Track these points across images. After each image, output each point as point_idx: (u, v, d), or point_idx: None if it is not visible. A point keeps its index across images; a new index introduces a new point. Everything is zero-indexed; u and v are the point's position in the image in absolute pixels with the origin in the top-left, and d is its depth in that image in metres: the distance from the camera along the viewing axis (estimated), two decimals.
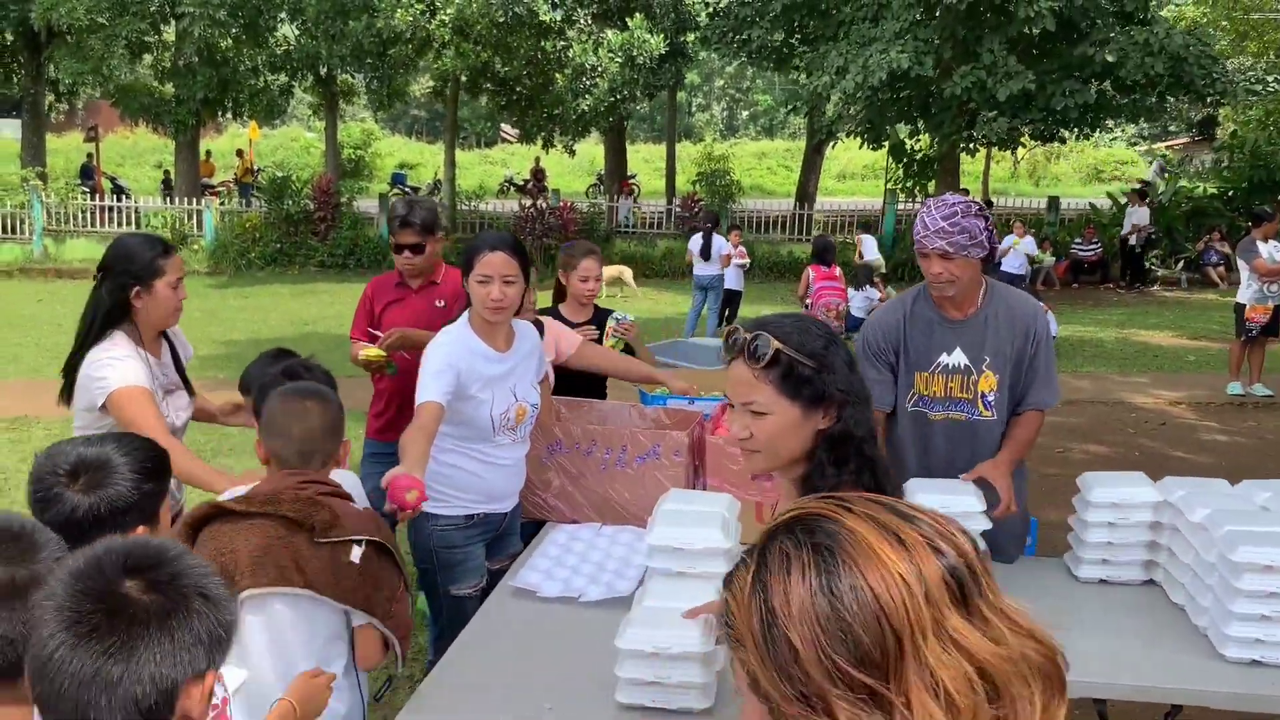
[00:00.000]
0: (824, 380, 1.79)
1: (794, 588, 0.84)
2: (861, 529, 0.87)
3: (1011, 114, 16.05)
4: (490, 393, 3.08)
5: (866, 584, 0.83)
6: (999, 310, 3.09)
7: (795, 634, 0.83)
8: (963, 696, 0.81)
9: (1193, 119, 34.10)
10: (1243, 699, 2.52)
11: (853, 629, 0.82)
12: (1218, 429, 8.47)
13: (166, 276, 3.02)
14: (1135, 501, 3.00)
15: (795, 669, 0.82)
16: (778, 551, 0.87)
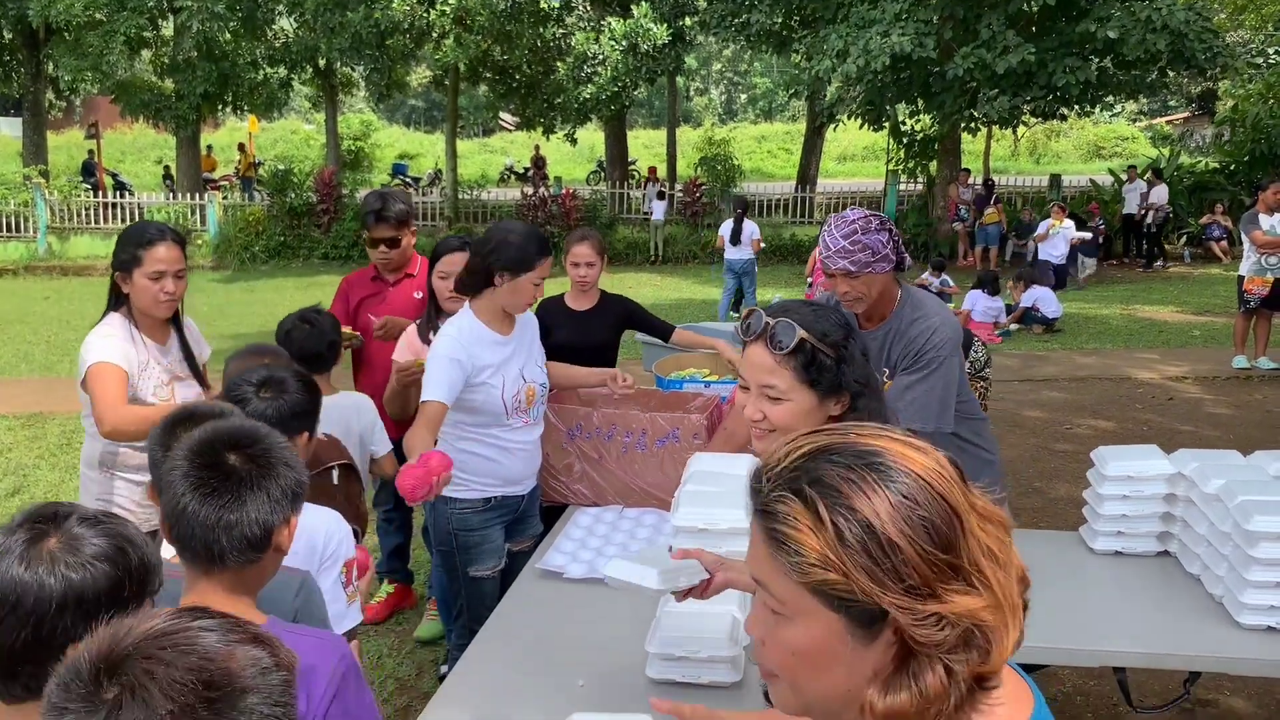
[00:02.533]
0: (841, 370, 1.85)
1: (876, 500, 0.94)
2: (883, 444, 1.00)
3: (1012, 92, 16.02)
4: (500, 377, 3.16)
5: (924, 481, 0.96)
6: (902, 324, 2.96)
7: (895, 534, 0.93)
8: (999, 549, 0.98)
9: (1193, 94, 34.01)
10: (1259, 665, 2.58)
11: (930, 520, 0.95)
12: (1224, 403, 8.51)
13: (143, 268, 3.05)
14: (1150, 474, 3.05)
15: (903, 566, 0.93)
16: (838, 478, 0.96)
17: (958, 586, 0.94)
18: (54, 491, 6.25)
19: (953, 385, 2.91)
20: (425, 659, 4.19)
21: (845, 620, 0.96)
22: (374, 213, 4.01)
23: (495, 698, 2.29)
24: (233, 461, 1.67)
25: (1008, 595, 0.97)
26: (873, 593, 0.93)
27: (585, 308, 4.20)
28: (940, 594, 0.93)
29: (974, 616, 0.94)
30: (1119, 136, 37.87)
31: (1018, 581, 1.00)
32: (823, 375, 1.85)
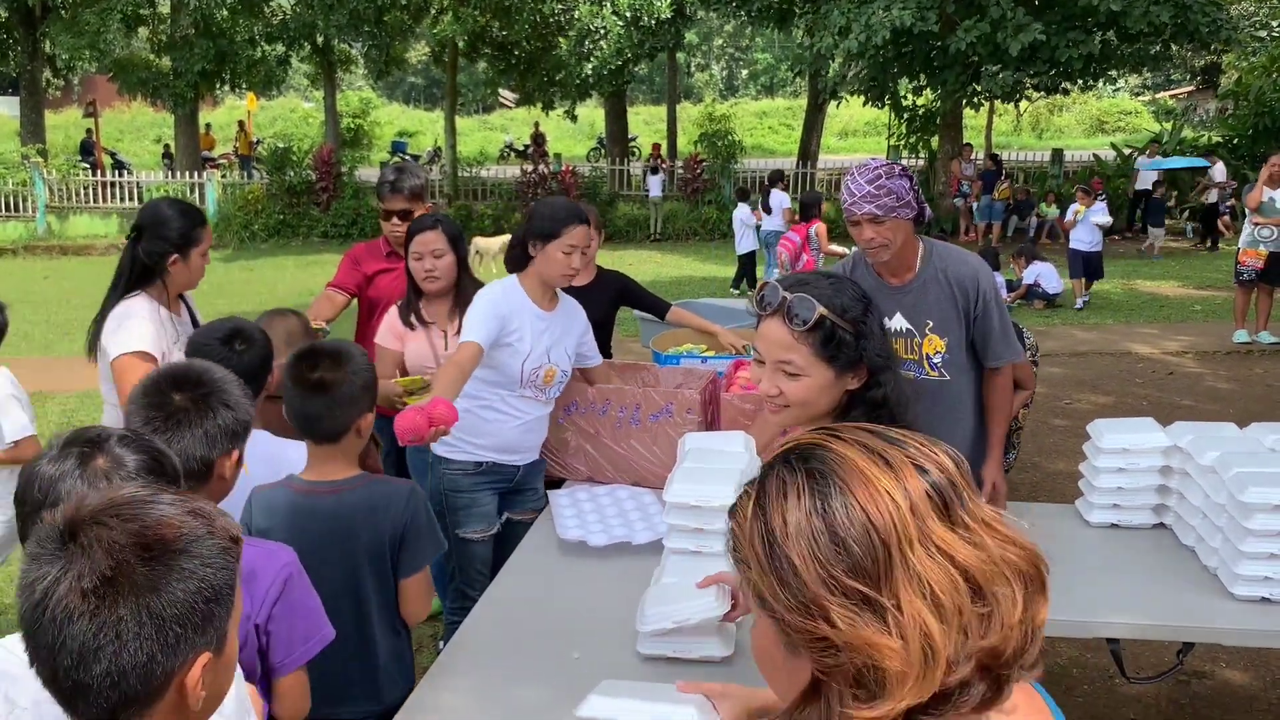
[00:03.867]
0: (861, 345, 1.80)
1: (790, 510, 0.92)
2: (850, 454, 0.95)
3: (1016, 66, 15.92)
4: (528, 345, 3.18)
5: (856, 501, 0.91)
6: (937, 273, 3.04)
7: (793, 551, 0.91)
8: (947, 596, 0.89)
9: (1196, 67, 33.79)
10: (1252, 635, 2.59)
11: (845, 542, 0.90)
12: (1224, 377, 8.50)
13: (201, 245, 3.18)
14: (1145, 446, 3.05)
15: (794, 581, 0.90)
16: (775, 479, 0.96)
17: (867, 620, 0.88)
18: None
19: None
20: (424, 634, 4.20)
21: (775, 626, 0.95)
22: (389, 183, 4.00)
23: (490, 670, 2.31)
24: (176, 400, 1.89)
25: (932, 647, 0.88)
26: (767, 597, 0.93)
27: (581, 284, 4.18)
28: (835, 620, 0.88)
29: (869, 652, 0.88)
30: (1122, 111, 37.68)
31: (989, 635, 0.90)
32: (841, 351, 1.80)
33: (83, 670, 1.08)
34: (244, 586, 1.55)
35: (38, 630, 1.08)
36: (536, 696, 2.20)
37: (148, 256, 3.11)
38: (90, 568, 1.08)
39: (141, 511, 1.14)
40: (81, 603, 1.07)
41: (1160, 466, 3.04)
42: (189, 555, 1.13)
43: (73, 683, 1.09)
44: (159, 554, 1.11)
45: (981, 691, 0.91)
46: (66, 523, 1.12)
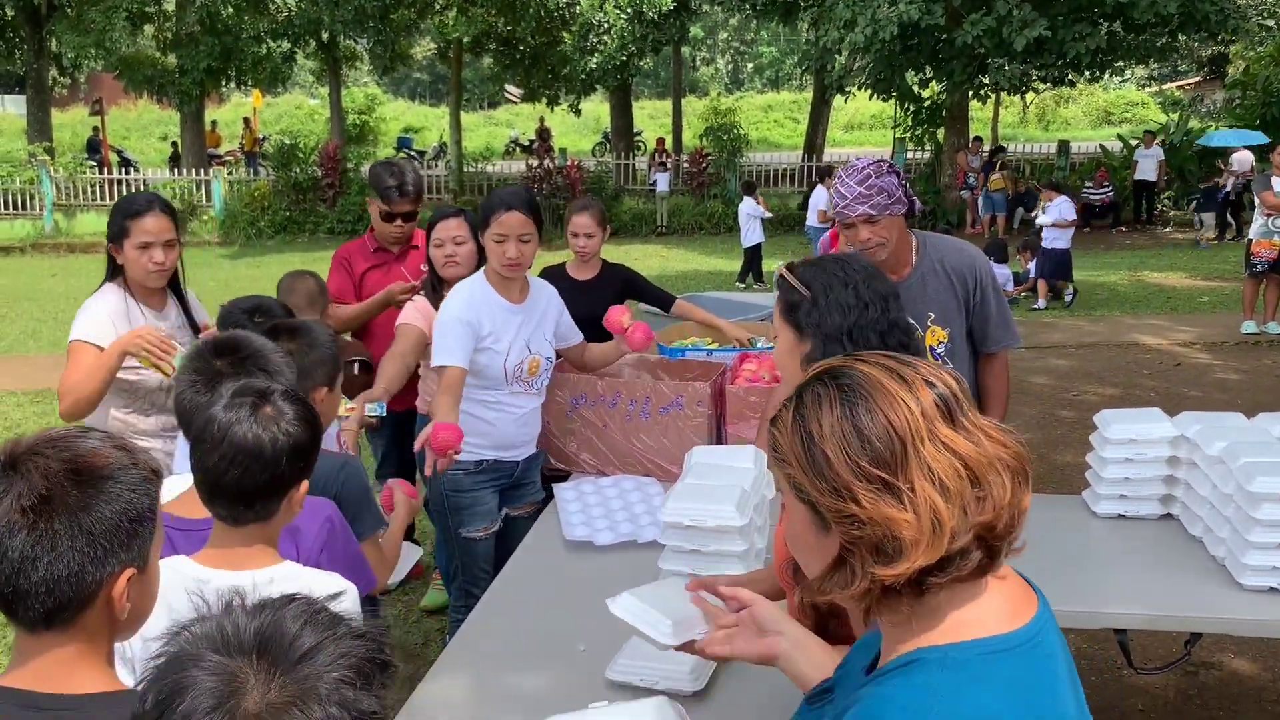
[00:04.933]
0: (805, 311, 1.91)
1: (824, 416, 1.14)
2: (873, 371, 1.16)
3: (1023, 60, 15.86)
4: (505, 344, 3.17)
5: (878, 407, 1.13)
6: (934, 264, 3.07)
7: (828, 447, 1.12)
8: (951, 480, 1.10)
9: (1203, 58, 33.63)
10: (1260, 625, 2.58)
11: (869, 439, 1.11)
12: (1233, 368, 8.48)
13: (133, 238, 3.06)
14: (1152, 437, 3.04)
15: (828, 471, 1.12)
16: (811, 393, 1.17)
17: (885, 500, 1.09)
18: None
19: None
20: (431, 628, 4.22)
21: (809, 512, 1.16)
22: (395, 188, 3.98)
23: (496, 663, 2.31)
24: (217, 365, 2.10)
25: (938, 519, 1.09)
26: (803, 485, 1.15)
27: (586, 277, 4.19)
28: (860, 499, 1.10)
29: (888, 524, 1.09)
30: (1128, 102, 37.53)
31: (985, 513, 1.11)
32: (792, 312, 1.93)
33: (21, 578, 1.23)
34: (290, 539, 1.96)
35: None
36: (542, 689, 2.21)
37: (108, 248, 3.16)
38: (29, 489, 1.24)
39: (74, 444, 1.29)
40: (21, 518, 1.23)
41: (1167, 457, 3.03)
42: (115, 481, 1.28)
43: (13, 589, 1.24)
44: (88, 479, 1.26)
45: (978, 558, 1.12)
46: (8, 455, 1.27)
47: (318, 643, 0.99)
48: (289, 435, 1.79)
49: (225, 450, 1.74)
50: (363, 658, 1.01)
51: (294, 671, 0.96)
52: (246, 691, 0.94)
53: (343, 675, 0.98)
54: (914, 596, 1.12)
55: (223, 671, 0.95)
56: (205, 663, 0.95)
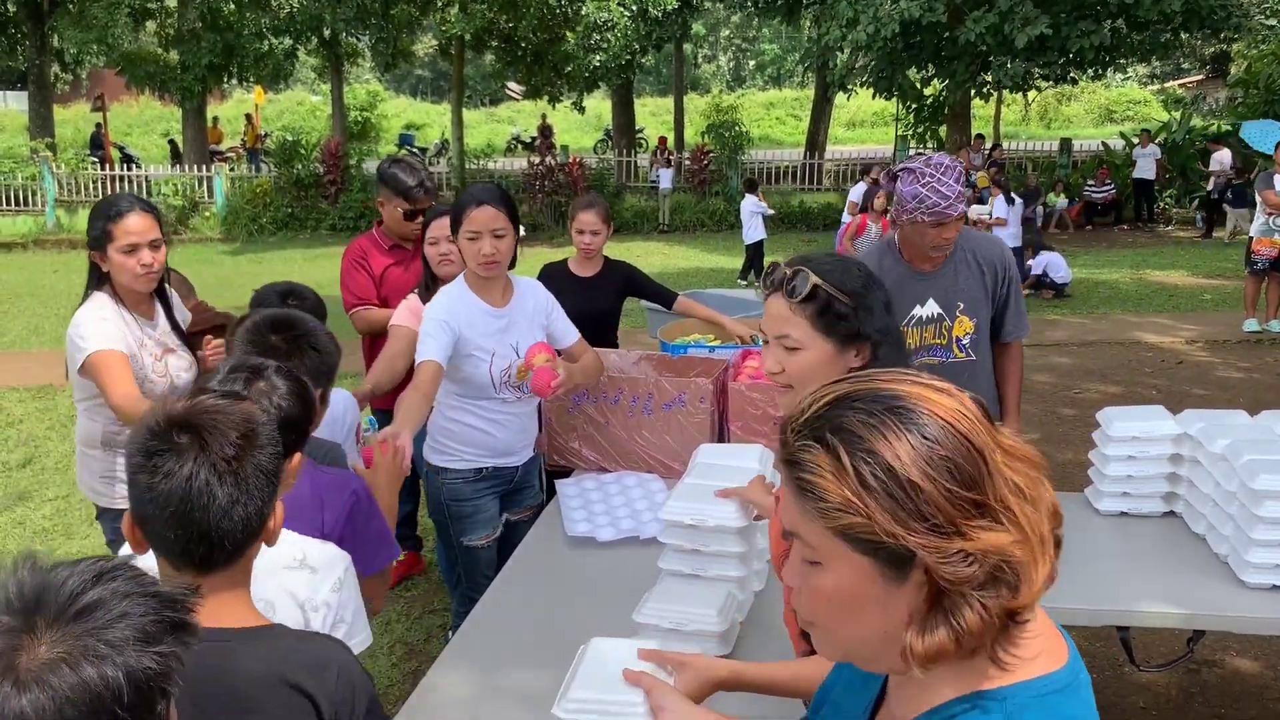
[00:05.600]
0: (859, 319, 1.79)
1: (897, 443, 0.96)
2: (906, 388, 1.02)
3: (1026, 57, 15.84)
4: (490, 350, 3.09)
5: (944, 421, 0.98)
6: (967, 255, 3.18)
7: (916, 475, 0.95)
8: (1028, 487, 1.00)
9: (1206, 56, 33.59)
10: (1263, 623, 2.58)
11: (951, 459, 0.96)
12: (1235, 366, 8.47)
13: (116, 242, 2.93)
14: (1155, 434, 3.04)
15: (925, 506, 0.95)
16: (859, 424, 0.98)
17: (984, 523, 0.96)
18: (64, 462, 6.30)
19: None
20: (434, 624, 4.22)
21: (874, 563, 0.97)
22: (418, 186, 3.99)
23: (498, 661, 2.32)
24: (273, 340, 2.25)
25: (1036, 530, 0.98)
26: (897, 534, 0.95)
27: (589, 274, 4.19)
28: (966, 531, 0.95)
29: (1002, 552, 0.95)
30: (1131, 100, 37.49)
31: (1049, 517, 1.02)
32: (838, 323, 1.80)
33: (226, 520, 1.42)
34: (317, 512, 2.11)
35: (181, 504, 1.39)
36: (545, 684, 2.21)
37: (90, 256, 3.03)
38: (225, 442, 1.43)
39: (227, 405, 1.50)
40: (227, 467, 1.42)
41: (1170, 454, 3.02)
42: (265, 429, 1.50)
43: (220, 531, 1.42)
44: (254, 431, 1.47)
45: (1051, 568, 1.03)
46: (179, 420, 1.44)
47: (99, 599, 1.00)
48: (279, 409, 1.87)
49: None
50: (149, 617, 1.01)
51: (70, 627, 0.97)
52: (22, 647, 0.95)
53: (123, 633, 0.99)
54: (1004, 629, 0.98)
55: (4, 624, 0.96)
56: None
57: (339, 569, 1.88)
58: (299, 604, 1.81)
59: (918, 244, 3.11)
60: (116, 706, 0.97)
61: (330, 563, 1.87)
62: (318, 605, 1.83)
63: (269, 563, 1.70)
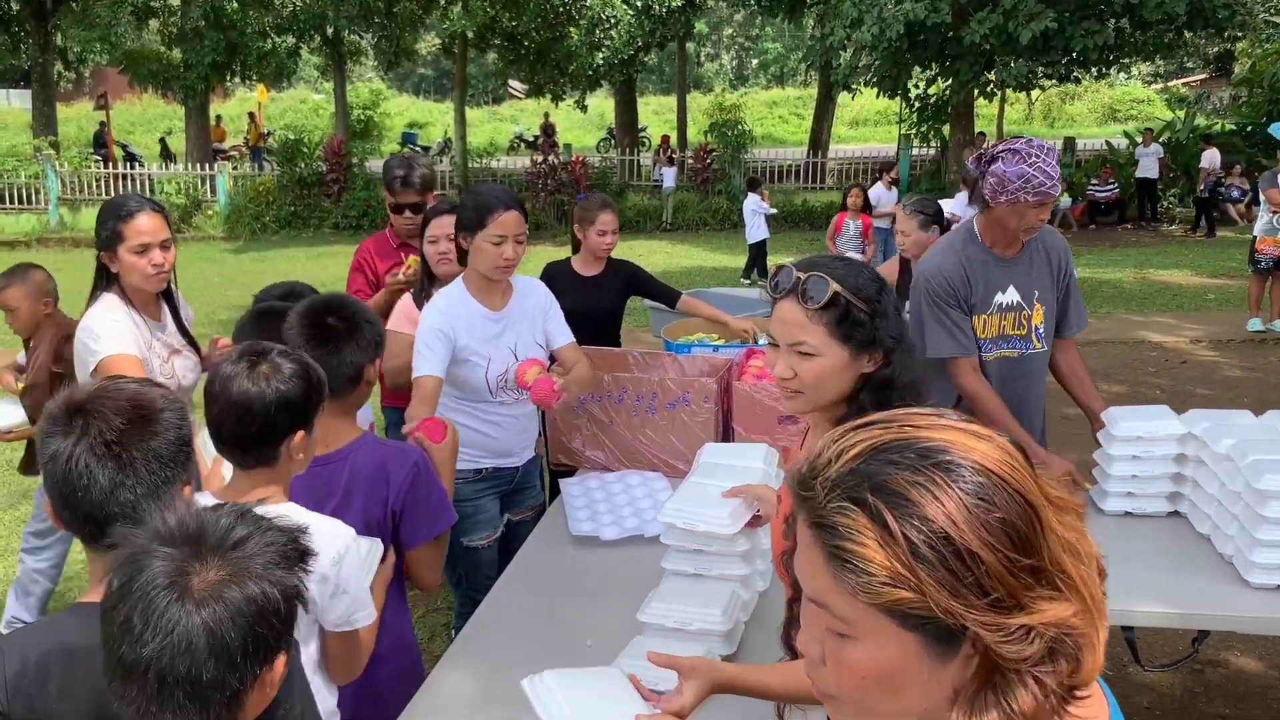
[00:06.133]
0: (875, 325, 1.78)
1: (949, 505, 0.85)
2: (945, 435, 0.90)
3: (1030, 56, 15.82)
4: (487, 354, 3.09)
5: (997, 476, 0.87)
6: (1038, 244, 3.20)
7: (976, 543, 0.84)
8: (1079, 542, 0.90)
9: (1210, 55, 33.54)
10: (1268, 623, 2.58)
11: (1007, 520, 0.85)
12: (1239, 366, 8.46)
13: (127, 242, 2.92)
14: (1160, 434, 3.03)
15: (986, 579, 0.84)
16: (904, 482, 0.86)
17: (1044, 592, 0.85)
18: None
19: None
20: (438, 624, 4.23)
21: (920, 639, 0.86)
22: (400, 178, 3.99)
23: (503, 659, 2.31)
24: (330, 322, 2.37)
25: (1094, 595, 0.88)
26: (954, 610, 0.83)
27: (592, 273, 4.18)
28: (1026, 604, 0.84)
29: (1063, 625, 0.85)
30: (1134, 99, 37.41)
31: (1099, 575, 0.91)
32: (856, 330, 1.78)
33: (112, 502, 1.46)
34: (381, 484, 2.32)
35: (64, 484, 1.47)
36: None
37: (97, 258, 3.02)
38: (108, 426, 1.48)
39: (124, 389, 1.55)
40: (106, 451, 1.47)
41: (1175, 454, 3.02)
42: (165, 414, 1.54)
43: (105, 513, 1.46)
44: (148, 415, 1.52)
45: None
46: (71, 404, 1.50)
47: (247, 534, 1.21)
48: (278, 391, 1.93)
49: (223, 403, 1.92)
50: (285, 545, 1.23)
51: (229, 555, 1.18)
52: (193, 572, 1.16)
53: (269, 558, 1.20)
54: (1060, 705, 0.88)
55: (171, 557, 1.17)
56: (157, 552, 1.17)
57: (339, 544, 1.94)
58: None
59: (1011, 227, 3.07)
60: (274, 617, 1.18)
61: (331, 537, 1.92)
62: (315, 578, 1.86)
63: None
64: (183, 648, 1.11)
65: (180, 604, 1.13)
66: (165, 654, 1.11)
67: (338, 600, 1.93)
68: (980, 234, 3.18)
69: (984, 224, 3.17)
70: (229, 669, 1.13)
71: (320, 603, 1.91)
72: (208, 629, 1.12)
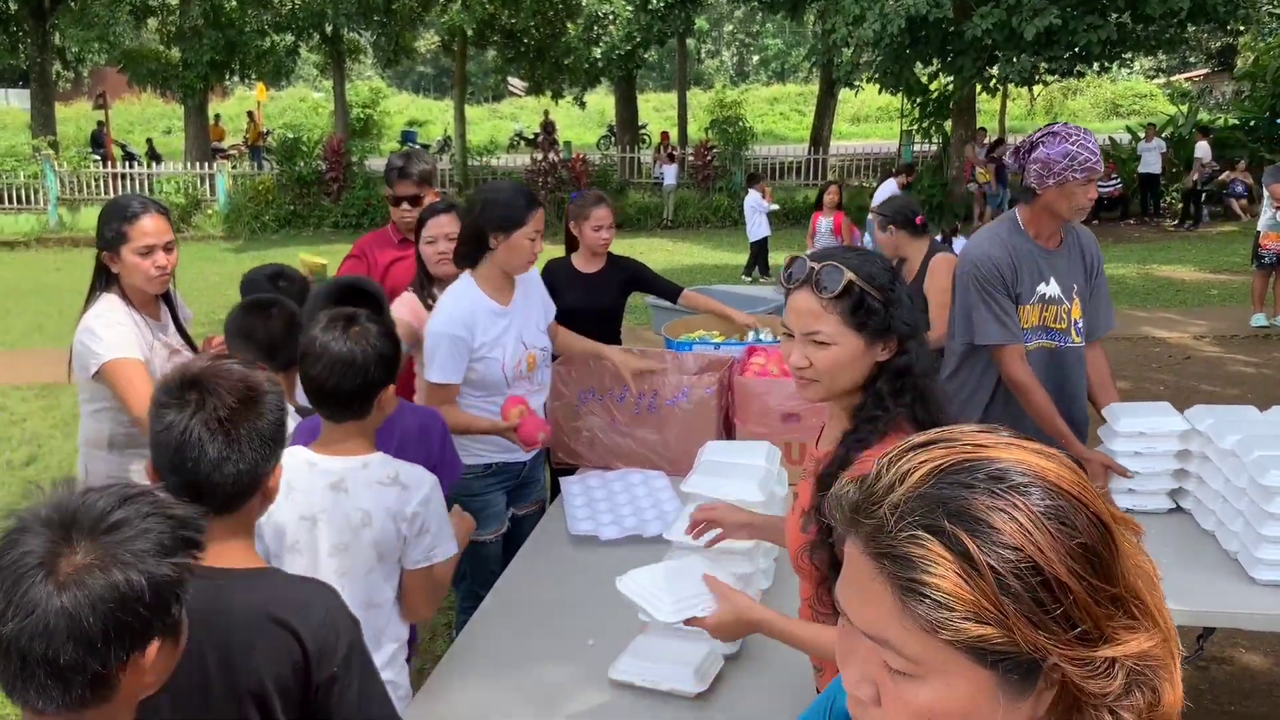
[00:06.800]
0: (890, 313, 1.78)
1: (1037, 533, 0.79)
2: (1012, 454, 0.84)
3: (1033, 51, 15.78)
4: (500, 348, 3.11)
5: (1069, 495, 0.82)
6: (1075, 238, 3.21)
7: (1063, 572, 0.78)
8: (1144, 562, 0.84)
9: (1212, 49, 33.48)
10: (1273, 620, 2.56)
11: (1089, 545, 0.80)
12: (1242, 361, 8.43)
13: (131, 243, 2.89)
14: (1162, 431, 3.01)
15: (1075, 610, 0.78)
16: (985, 507, 0.80)
17: (1125, 621, 0.81)
18: (68, 460, 6.29)
19: None
20: (439, 623, 4.20)
21: (997, 676, 0.80)
22: (397, 169, 3.99)
23: (504, 657, 2.30)
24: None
25: (1168, 621, 0.83)
26: (1040, 645, 0.78)
27: (593, 270, 4.15)
28: (1110, 635, 0.79)
29: (1146, 656, 0.81)
30: (1137, 94, 37.34)
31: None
32: (870, 318, 1.78)
33: (217, 473, 1.57)
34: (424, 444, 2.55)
35: (177, 452, 1.57)
36: (550, 683, 2.19)
37: (97, 259, 2.99)
38: (221, 404, 1.58)
39: (237, 371, 1.64)
40: (219, 427, 1.57)
41: (1177, 451, 3.00)
42: (269, 396, 1.64)
43: (209, 482, 1.56)
44: (256, 396, 1.62)
45: None
46: (188, 378, 1.60)
47: (124, 518, 1.21)
48: (375, 347, 2.17)
49: (326, 361, 2.14)
50: (165, 534, 1.22)
51: (101, 540, 1.18)
52: (62, 554, 1.17)
53: (143, 545, 1.20)
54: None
55: (46, 537, 1.18)
56: (33, 531, 1.18)
57: (426, 487, 2.19)
58: (391, 515, 2.15)
59: (1062, 210, 3.06)
60: (139, 605, 1.17)
61: (418, 481, 2.19)
62: (406, 516, 2.16)
63: (367, 478, 2.15)
64: (40, 629, 1.13)
65: (44, 585, 1.14)
66: (24, 634, 1.13)
67: (421, 538, 2.18)
68: (1024, 224, 3.17)
69: (1028, 214, 3.15)
70: (89, 653, 1.14)
71: (408, 540, 2.17)
72: (66, 613, 1.13)
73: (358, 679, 1.61)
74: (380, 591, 2.19)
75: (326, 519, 2.13)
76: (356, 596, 2.17)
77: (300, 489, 2.12)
